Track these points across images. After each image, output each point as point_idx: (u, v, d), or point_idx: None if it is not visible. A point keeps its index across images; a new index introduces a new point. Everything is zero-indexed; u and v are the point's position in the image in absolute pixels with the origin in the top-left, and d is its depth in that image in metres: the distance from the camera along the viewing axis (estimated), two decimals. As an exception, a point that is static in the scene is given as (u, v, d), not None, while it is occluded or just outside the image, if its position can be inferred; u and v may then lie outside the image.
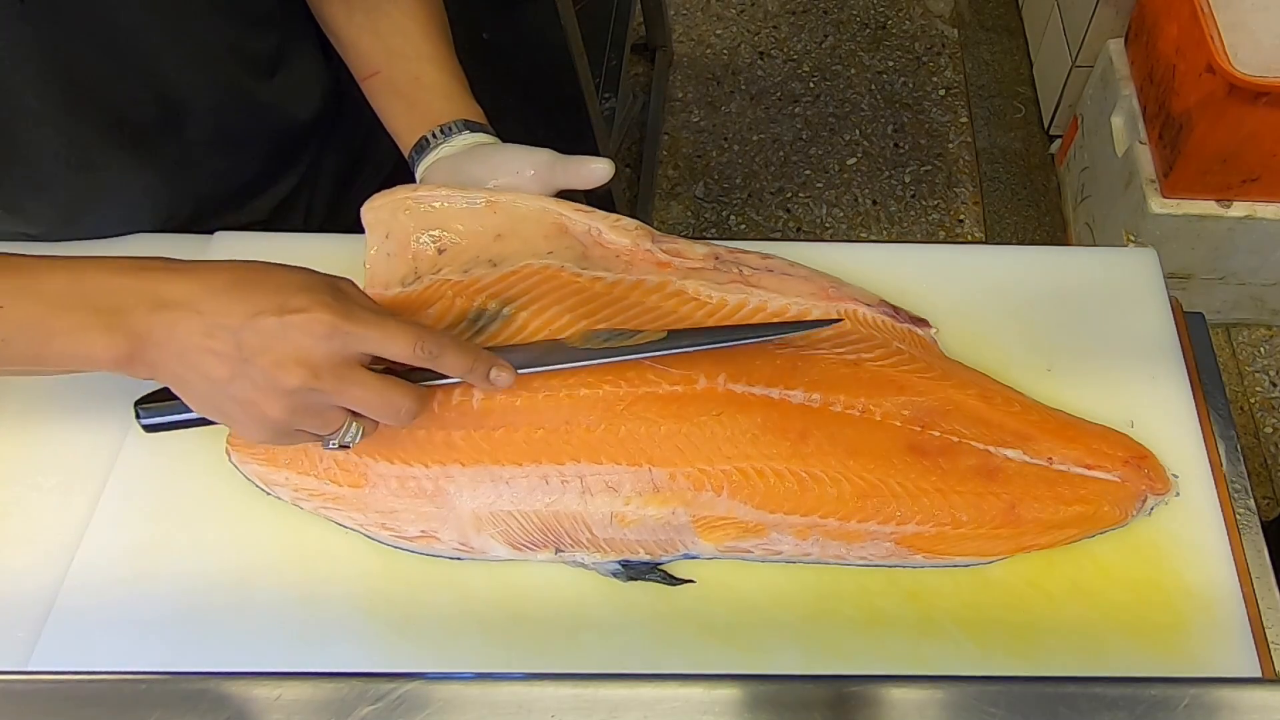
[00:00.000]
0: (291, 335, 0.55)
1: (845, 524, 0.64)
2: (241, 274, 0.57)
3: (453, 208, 0.73)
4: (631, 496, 0.64)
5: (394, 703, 0.47)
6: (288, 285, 0.57)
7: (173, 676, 0.49)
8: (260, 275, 0.57)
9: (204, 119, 0.81)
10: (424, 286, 0.72)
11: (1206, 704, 0.46)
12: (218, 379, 0.56)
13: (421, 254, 0.74)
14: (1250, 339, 1.97)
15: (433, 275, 0.73)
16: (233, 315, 0.55)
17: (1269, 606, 0.65)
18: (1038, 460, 0.66)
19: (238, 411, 0.57)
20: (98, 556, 0.67)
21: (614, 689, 0.47)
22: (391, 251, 0.74)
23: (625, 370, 0.66)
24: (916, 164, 2.29)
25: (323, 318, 0.55)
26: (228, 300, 0.56)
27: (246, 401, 0.56)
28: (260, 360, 0.55)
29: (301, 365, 0.55)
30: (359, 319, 0.56)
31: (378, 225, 0.75)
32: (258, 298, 0.56)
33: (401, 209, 0.74)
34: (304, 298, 0.56)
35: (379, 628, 0.64)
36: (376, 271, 0.75)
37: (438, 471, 0.65)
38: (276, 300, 0.55)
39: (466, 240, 0.73)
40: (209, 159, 0.84)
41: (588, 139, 1.33)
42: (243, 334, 0.55)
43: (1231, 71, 1.39)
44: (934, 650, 0.62)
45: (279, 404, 0.56)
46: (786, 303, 0.72)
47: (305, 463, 0.68)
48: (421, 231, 0.74)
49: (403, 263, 0.74)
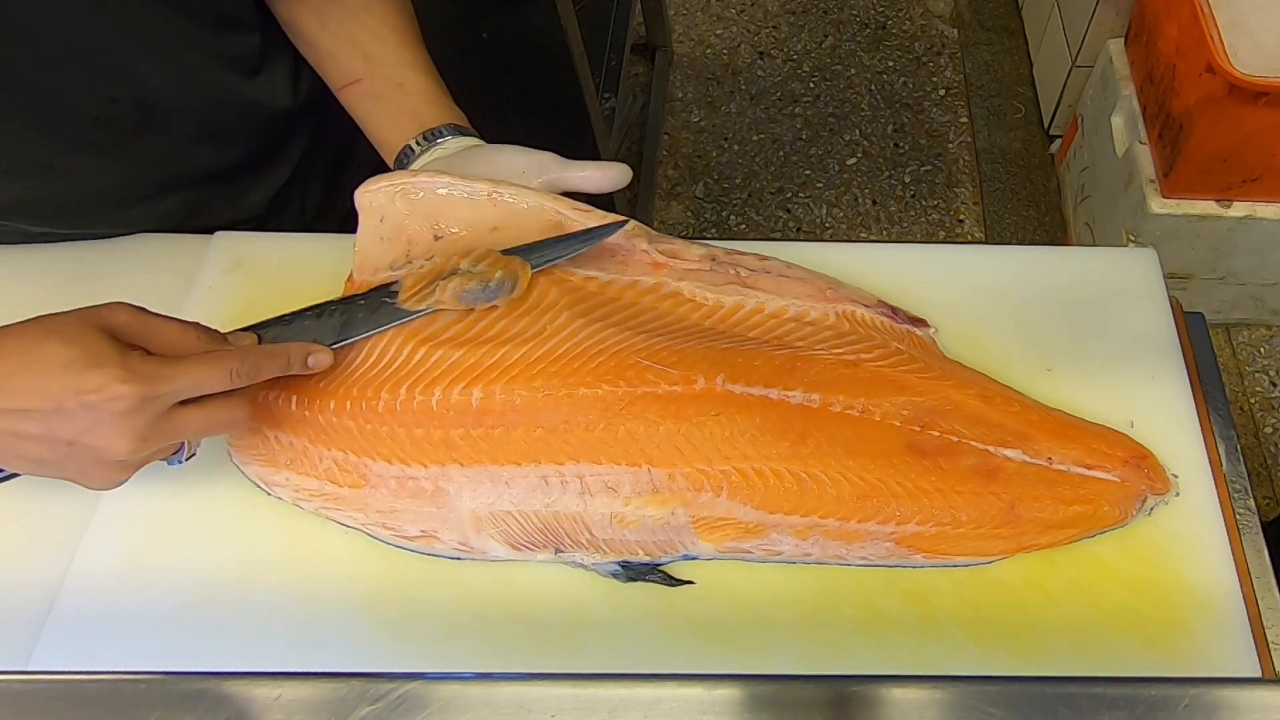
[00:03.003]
0: (102, 418, 0.55)
1: (845, 524, 0.64)
2: (15, 358, 0.55)
3: (452, 196, 0.72)
4: (631, 497, 0.64)
5: (394, 703, 0.47)
6: (72, 364, 0.54)
7: (173, 676, 0.49)
8: (36, 356, 0.55)
9: (186, 117, 0.81)
10: (415, 269, 0.71)
11: (1206, 704, 0.46)
12: (46, 460, 0.57)
13: (416, 239, 0.72)
14: (1250, 339, 1.97)
15: (425, 260, 0.72)
16: (31, 405, 0.54)
17: (1269, 606, 0.65)
18: (1038, 460, 0.66)
19: (78, 478, 0.59)
20: (98, 556, 0.67)
21: (614, 689, 0.47)
22: (385, 235, 0.73)
23: (624, 370, 0.66)
24: (916, 164, 2.29)
25: (123, 392, 0.54)
26: (17, 393, 0.54)
27: (84, 472, 0.58)
28: (83, 441, 0.55)
29: (124, 436, 0.55)
30: (160, 378, 0.56)
31: (373, 209, 0.73)
32: (48, 384, 0.54)
33: (400, 194, 0.72)
34: (95, 376, 0.54)
35: (379, 628, 0.64)
36: (366, 254, 0.73)
37: (436, 472, 0.65)
38: (68, 383, 0.54)
39: (463, 230, 0.72)
40: (196, 153, 0.84)
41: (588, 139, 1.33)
42: (52, 422, 0.55)
43: (1231, 71, 1.39)
44: (934, 650, 0.62)
45: (116, 468, 0.58)
46: (784, 304, 0.72)
47: (305, 464, 0.68)
48: (419, 217, 0.72)
49: (395, 246, 0.72)
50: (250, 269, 0.82)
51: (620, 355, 0.67)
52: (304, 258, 0.83)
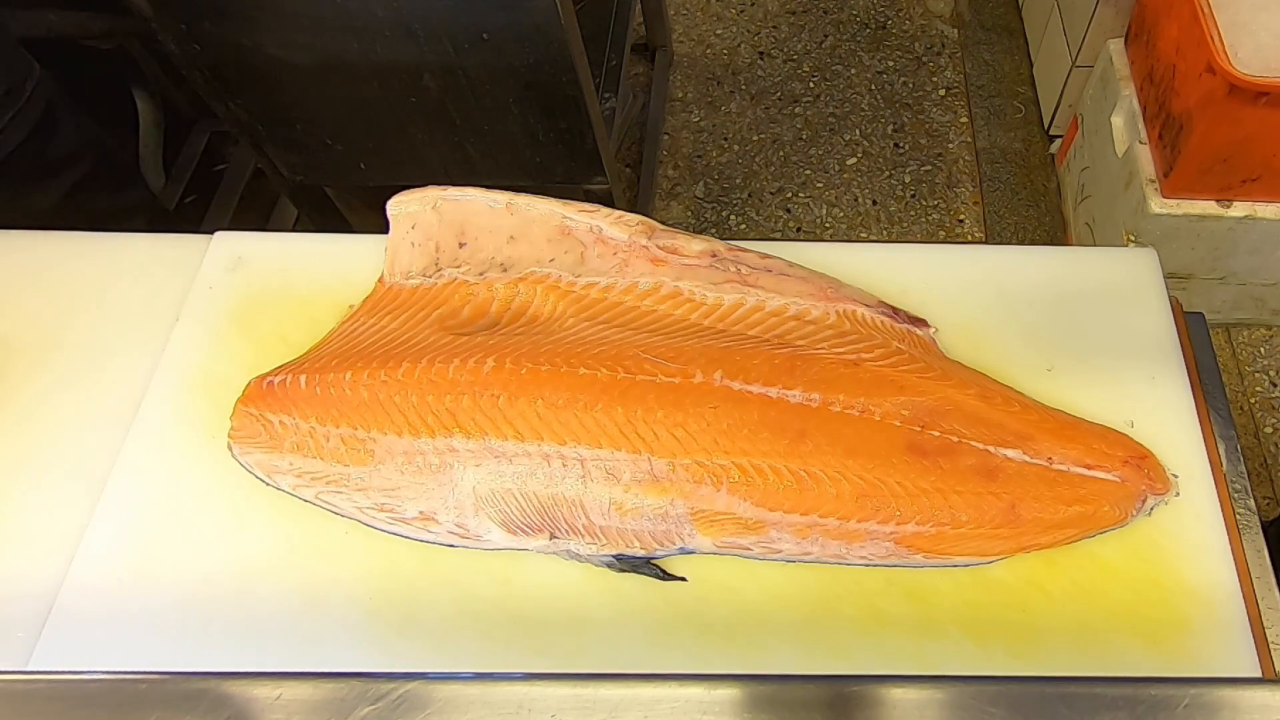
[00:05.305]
0: None
1: (845, 523, 0.64)
2: None
3: (476, 205, 0.78)
4: (631, 484, 0.65)
5: (394, 703, 0.47)
6: None
7: (173, 676, 0.49)
8: None
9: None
10: (445, 281, 0.76)
11: (1206, 704, 0.46)
12: None
13: (444, 246, 0.78)
14: (1250, 339, 1.97)
15: (453, 269, 0.76)
16: None
17: (1269, 606, 0.65)
18: (1038, 460, 0.66)
19: None
20: (98, 556, 0.67)
21: (614, 689, 0.47)
22: (416, 241, 0.78)
23: (622, 359, 0.67)
24: (916, 164, 2.29)
25: None
26: None
27: None
28: None
29: None
30: None
31: (404, 218, 0.79)
32: None
33: (429, 204, 0.78)
34: None
35: (379, 628, 0.64)
36: (398, 257, 0.78)
37: (442, 444, 0.66)
38: None
39: (484, 238, 0.78)
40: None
41: (588, 139, 1.33)
42: None
43: (1231, 71, 1.39)
44: (934, 650, 0.62)
45: None
46: (785, 302, 0.72)
47: (312, 445, 0.69)
48: (446, 226, 0.78)
49: (425, 254, 0.78)
50: (250, 269, 0.82)
51: (621, 348, 0.68)
52: (304, 257, 0.83)
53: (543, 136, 1.26)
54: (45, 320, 0.81)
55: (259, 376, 0.72)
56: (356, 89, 1.24)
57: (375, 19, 1.14)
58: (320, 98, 1.27)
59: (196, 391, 0.75)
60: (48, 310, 0.81)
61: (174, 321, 0.80)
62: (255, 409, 0.71)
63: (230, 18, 1.16)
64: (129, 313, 0.81)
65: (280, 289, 0.81)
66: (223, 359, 0.77)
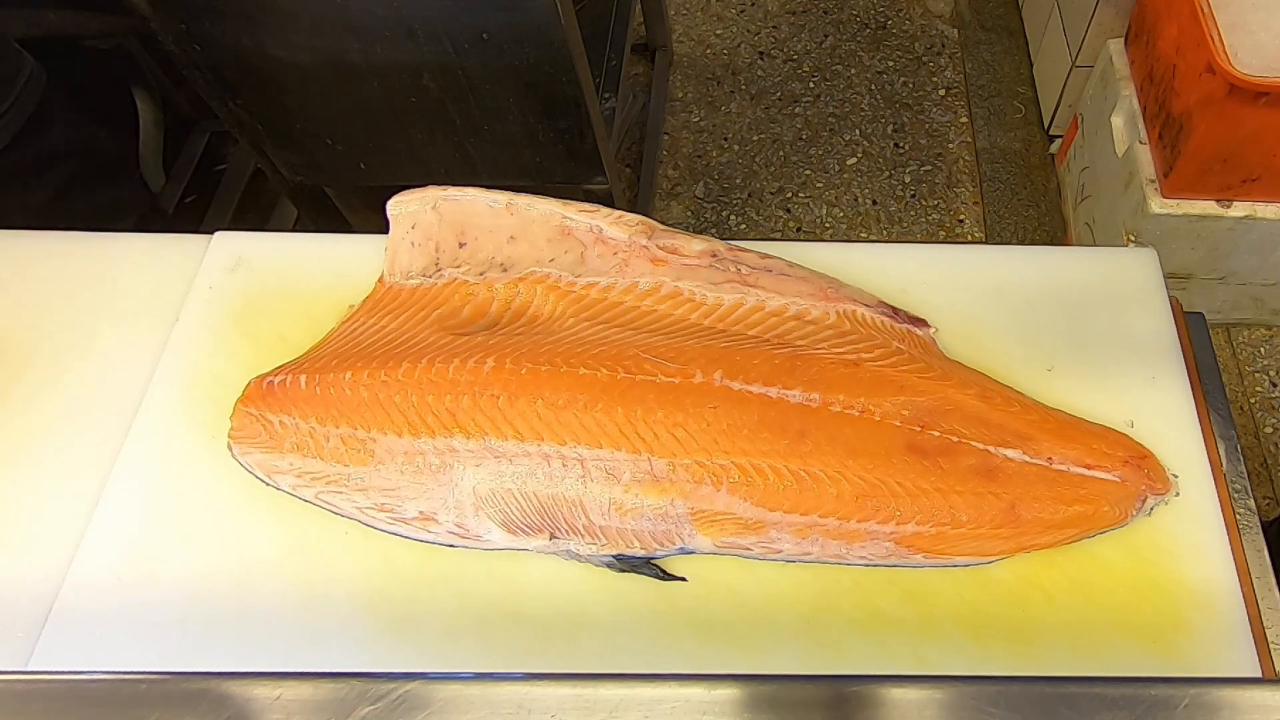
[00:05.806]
0: None
1: (845, 523, 0.64)
2: None
3: (476, 205, 0.77)
4: (631, 484, 0.65)
5: (394, 703, 0.47)
6: None
7: (173, 676, 0.49)
8: None
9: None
10: (445, 281, 0.76)
11: (1206, 704, 0.46)
12: None
13: (444, 246, 0.78)
14: (1250, 339, 1.97)
15: (453, 269, 0.76)
16: None
17: (1269, 606, 0.65)
18: (1038, 460, 0.66)
19: None
20: (98, 556, 0.67)
21: (614, 689, 0.47)
22: (416, 241, 0.78)
23: (622, 359, 0.67)
24: (916, 164, 2.29)
25: None
26: None
27: None
28: None
29: None
30: None
31: (404, 217, 0.79)
32: None
33: (429, 204, 0.78)
34: None
35: (379, 628, 0.64)
36: (398, 257, 0.78)
37: (442, 444, 0.66)
38: None
39: (484, 238, 0.77)
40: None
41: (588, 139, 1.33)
42: None
43: (1231, 71, 1.39)
44: (934, 650, 0.62)
45: None
46: (785, 302, 0.72)
47: (312, 445, 0.69)
48: (446, 226, 0.78)
49: (425, 254, 0.78)
50: (250, 269, 0.82)
51: (621, 348, 0.68)
52: (304, 258, 0.83)
53: (543, 136, 1.26)
54: (45, 320, 0.81)
55: (259, 376, 0.72)
56: (356, 89, 1.24)
57: (375, 19, 1.14)
58: (320, 98, 1.27)
59: (196, 391, 0.75)
60: (48, 310, 0.81)
61: (174, 322, 0.80)
62: (255, 409, 0.71)
63: (230, 18, 1.16)
64: (129, 313, 0.81)
65: (280, 289, 0.81)
66: (223, 359, 0.77)
